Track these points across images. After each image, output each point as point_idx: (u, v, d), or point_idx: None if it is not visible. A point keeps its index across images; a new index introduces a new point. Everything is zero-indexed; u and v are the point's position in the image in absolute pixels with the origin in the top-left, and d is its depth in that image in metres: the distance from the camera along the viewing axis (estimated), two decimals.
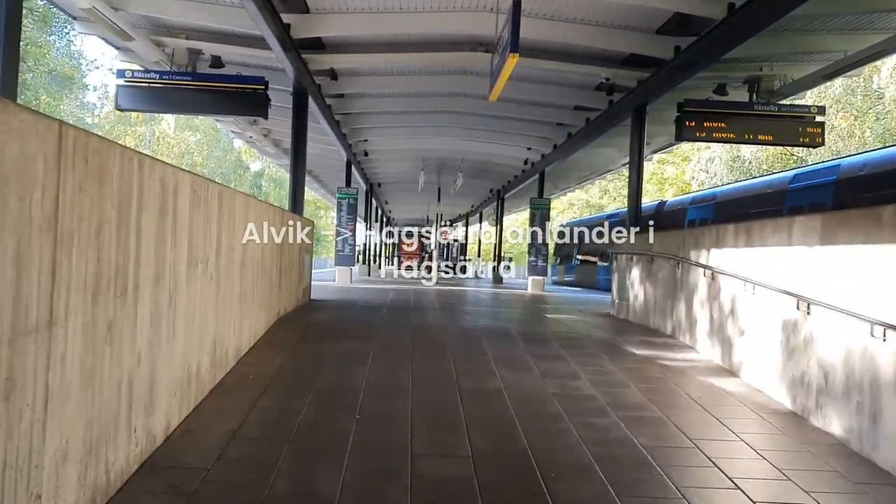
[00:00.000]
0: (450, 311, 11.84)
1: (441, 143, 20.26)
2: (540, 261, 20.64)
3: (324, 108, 14.72)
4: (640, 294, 10.61)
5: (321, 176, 30.12)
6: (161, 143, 44.63)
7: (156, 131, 44.72)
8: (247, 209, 7.06)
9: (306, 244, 11.48)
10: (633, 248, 11.06)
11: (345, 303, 12.31)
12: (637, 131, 12.27)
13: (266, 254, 8.17)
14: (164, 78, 11.88)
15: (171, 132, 45.61)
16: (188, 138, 46.71)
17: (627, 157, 20.99)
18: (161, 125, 45.02)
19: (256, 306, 7.72)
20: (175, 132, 45.59)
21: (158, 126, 44.88)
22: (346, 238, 20.56)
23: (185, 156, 46.31)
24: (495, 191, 29.31)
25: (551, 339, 8.83)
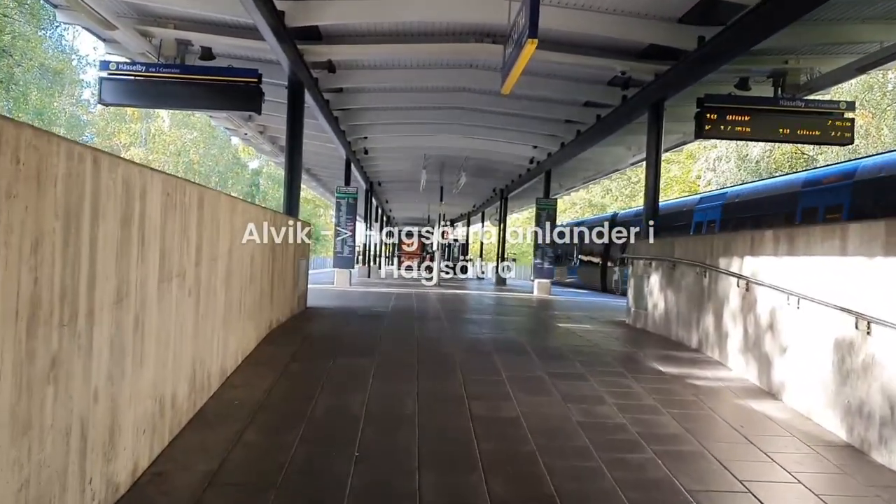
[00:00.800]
0: (455, 319, 11.13)
1: (444, 140, 19.54)
2: (546, 263, 19.93)
3: (321, 102, 14.00)
4: (660, 303, 9.89)
5: (320, 174, 29.40)
6: (157, 141, 43.91)
7: (151, 128, 43.99)
8: (233, 213, 6.34)
9: (302, 248, 10.76)
10: (651, 253, 10.35)
11: (343, 310, 11.59)
12: (654, 129, 11.55)
13: (256, 261, 7.46)
14: (151, 70, 11.16)
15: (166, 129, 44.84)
16: (184, 136, 45.96)
17: (636, 155, 20.35)
18: (157, 122, 44.29)
19: (245, 320, 7.00)
20: (171, 129, 44.84)
21: (154, 123, 44.15)
22: (345, 239, 19.84)
23: (182, 153, 45.60)
24: (498, 190, 28.60)
25: (567, 353, 8.11)
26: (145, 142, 42.77)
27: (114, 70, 11.06)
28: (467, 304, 14.67)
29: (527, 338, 9.15)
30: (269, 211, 8.36)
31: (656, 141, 11.55)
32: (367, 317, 10.72)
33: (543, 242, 19.78)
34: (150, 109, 34.81)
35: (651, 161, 11.57)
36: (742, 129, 11.10)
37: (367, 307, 12.21)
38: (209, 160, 51.06)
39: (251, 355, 7.15)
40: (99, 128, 42.37)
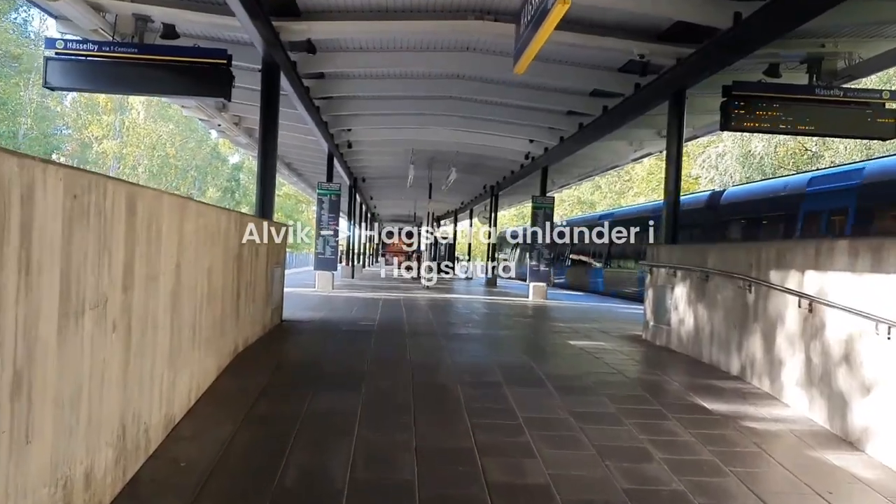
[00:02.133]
0: (451, 335, 9.81)
1: (434, 133, 18.21)
2: (542, 265, 18.68)
3: (300, 89, 12.63)
4: (687, 319, 8.64)
5: (301, 169, 28.03)
6: (131, 134, 42.21)
7: (125, 121, 42.28)
8: (182, 218, 4.99)
9: (277, 254, 9.41)
10: (676, 260, 9.09)
11: (325, 324, 10.24)
12: (676, 120, 10.29)
13: (216, 274, 6.11)
14: (105, 50, 9.78)
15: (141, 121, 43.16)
16: (160, 128, 44.26)
17: (637, 151, 19.11)
18: (131, 114, 42.58)
19: (201, 348, 5.66)
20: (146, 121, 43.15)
21: (128, 115, 42.44)
22: (328, 239, 18.49)
23: (157, 147, 43.91)
24: (489, 187, 27.31)
25: (590, 383, 6.82)
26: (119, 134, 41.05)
27: (61, 49, 9.65)
28: (461, 313, 13.36)
29: (537, 361, 7.84)
30: (235, 213, 7.00)
31: (678, 133, 10.29)
32: (352, 333, 9.38)
33: (542, 243, 18.56)
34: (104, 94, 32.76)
35: (672, 156, 10.31)
36: (774, 122, 9.87)
37: (351, 320, 10.87)
38: (186, 154, 49.36)
39: (210, 391, 5.81)
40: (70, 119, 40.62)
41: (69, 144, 40.60)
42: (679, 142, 10.30)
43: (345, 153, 21.03)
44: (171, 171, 48.05)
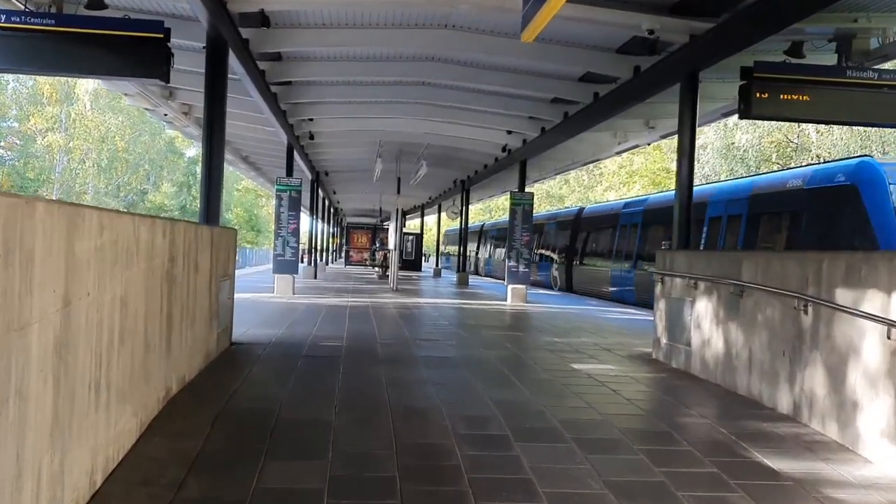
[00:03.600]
0: (433, 359, 8.32)
1: (403, 124, 16.76)
2: (522, 266, 17.32)
3: (254, 73, 11.06)
4: (714, 340, 7.31)
5: (259, 162, 26.34)
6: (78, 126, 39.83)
7: (71, 112, 39.89)
8: (71, 236, 3.46)
9: (224, 264, 7.86)
10: (698, 269, 7.75)
11: (283, 346, 8.69)
12: (688, 107, 8.95)
13: (134, 304, 4.58)
14: (14, 21, 8.12)
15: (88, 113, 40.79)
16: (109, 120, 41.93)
17: (622, 144, 17.82)
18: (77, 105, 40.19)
19: (110, 407, 4.14)
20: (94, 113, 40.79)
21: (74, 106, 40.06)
22: (287, 239, 16.91)
23: (106, 140, 41.59)
24: (460, 182, 25.90)
25: (617, 432, 5.43)
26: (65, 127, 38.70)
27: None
28: (439, 326, 11.90)
29: (544, 397, 6.41)
30: (161, 220, 5.46)
31: (691, 121, 8.96)
32: (316, 360, 7.84)
33: (524, 243, 17.23)
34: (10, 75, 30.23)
35: (685, 147, 8.97)
36: (801, 107, 8.59)
37: (314, 339, 9.32)
38: (139, 148, 47.02)
39: (124, 463, 4.29)
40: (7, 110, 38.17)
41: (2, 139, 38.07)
42: (692, 131, 8.98)
43: (306, 145, 19.43)
44: (122, 166, 45.77)
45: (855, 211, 12.67)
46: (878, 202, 12.46)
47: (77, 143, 40.58)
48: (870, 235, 12.31)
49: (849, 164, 13.71)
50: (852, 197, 12.75)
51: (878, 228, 12.23)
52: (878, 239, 12.19)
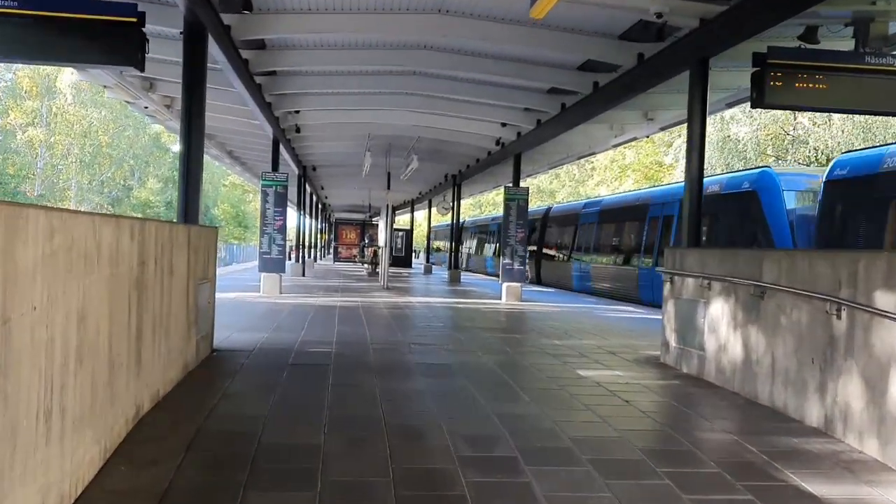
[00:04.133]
0: (430, 366, 7.75)
1: (393, 116, 16.22)
2: (517, 263, 16.81)
3: (237, 62, 10.47)
4: (732, 345, 6.81)
5: (244, 157, 25.68)
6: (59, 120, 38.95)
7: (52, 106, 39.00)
8: (12, 241, 2.91)
9: (203, 266, 7.30)
10: (712, 268, 7.24)
11: (267, 353, 8.12)
12: (698, 95, 8.42)
13: (95, 317, 4.03)
14: None
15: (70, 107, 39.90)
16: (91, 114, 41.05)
17: (618, 137, 17.31)
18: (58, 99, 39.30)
19: (65, 439, 3.59)
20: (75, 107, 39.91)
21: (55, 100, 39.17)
22: (273, 236, 16.32)
23: (89, 135, 40.71)
24: (451, 176, 25.36)
25: (637, 451, 4.92)
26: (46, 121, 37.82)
27: None
28: (433, 329, 11.35)
29: (552, 410, 5.87)
30: (129, 220, 4.89)
31: (701, 110, 8.43)
32: (303, 370, 7.28)
33: (515, 239, 16.74)
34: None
35: (694, 139, 8.44)
36: (817, 95, 8.09)
37: (302, 344, 8.76)
38: (123, 142, 46.13)
39: (82, 500, 3.75)
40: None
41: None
42: (702, 121, 8.45)
43: (292, 139, 18.83)
44: (106, 161, 44.88)
45: (756, 213, 15.17)
46: (773, 206, 14.83)
47: (59, 138, 39.72)
48: (766, 234, 14.80)
49: (752, 173, 16.29)
50: (753, 201, 15.22)
51: (774, 228, 14.61)
52: (773, 236, 14.52)
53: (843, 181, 12.86)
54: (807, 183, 15.16)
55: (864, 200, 12.44)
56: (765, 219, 14.92)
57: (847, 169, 12.93)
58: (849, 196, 12.76)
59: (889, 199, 11.70)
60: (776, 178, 15.19)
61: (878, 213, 11.90)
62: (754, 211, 15.15)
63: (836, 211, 13.00)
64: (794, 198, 14.97)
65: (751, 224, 15.33)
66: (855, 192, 12.60)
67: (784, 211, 14.69)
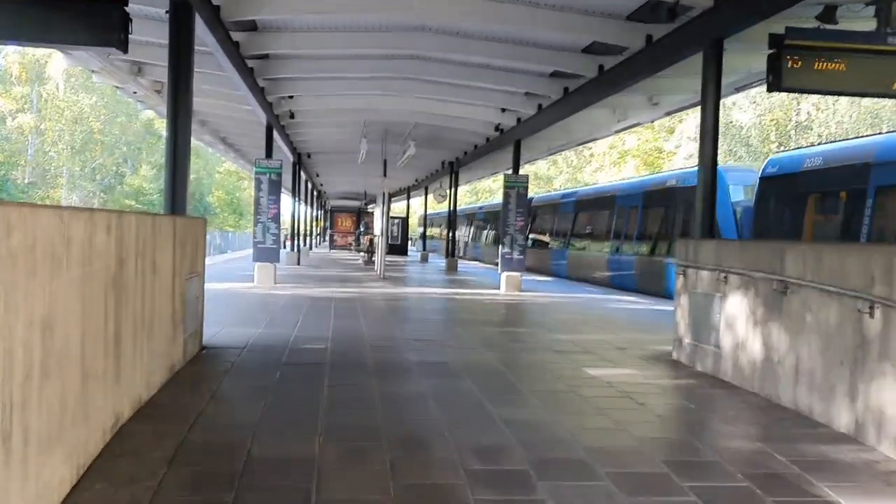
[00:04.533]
0: (430, 364, 7.38)
1: (389, 102, 15.77)
2: (516, 252, 16.42)
3: (227, 44, 10.03)
4: (750, 343, 6.44)
5: (238, 144, 25.22)
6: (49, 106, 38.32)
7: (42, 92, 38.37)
8: None
9: (191, 260, 6.89)
10: (729, 261, 6.85)
11: (260, 351, 7.71)
12: (712, 78, 7.99)
13: (65, 323, 3.64)
14: None
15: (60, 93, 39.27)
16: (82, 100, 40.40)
17: (622, 122, 16.90)
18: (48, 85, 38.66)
19: (25, 460, 3.21)
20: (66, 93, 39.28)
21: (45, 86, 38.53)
22: (267, 225, 15.91)
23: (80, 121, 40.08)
24: (448, 163, 24.93)
25: (658, 463, 4.55)
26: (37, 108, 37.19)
27: None
28: (432, 322, 10.98)
29: (562, 415, 5.47)
30: (102, 213, 4.49)
31: (715, 93, 8.00)
32: (296, 370, 6.88)
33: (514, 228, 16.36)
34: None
35: (707, 124, 8.01)
36: (837, 78, 7.68)
37: (296, 341, 8.37)
38: (116, 129, 45.46)
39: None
40: None
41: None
42: (716, 105, 8.04)
43: (287, 125, 18.36)
44: (97, 148, 44.21)
45: (722, 205, 15.42)
46: (720, 198, 15.62)
47: (50, 125, 39.11)
48: (719, 225, 15.67)
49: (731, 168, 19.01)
50: (723, 193, 15.32)
51: (721, 217, 15.52)
52: (721, 226, 15.91)
53: (774, 178, 14.72)
54: (749, 179, 16.90)
55: (789, 195, 14.26)
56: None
57: (777, 167, 14.87)
58: (777, 191, 14.60)
59: (807, 193, 13.55)
60: (723, 174, 16.16)
61: (799, 206, 13.75)
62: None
63: (768, 204, 14.85)
64: (739, 191, 16.85)
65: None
66: (782, 188, 14.43)
67: (730, 203, 16.60)
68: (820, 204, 13.48)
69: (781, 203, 14.57)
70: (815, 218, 13.46)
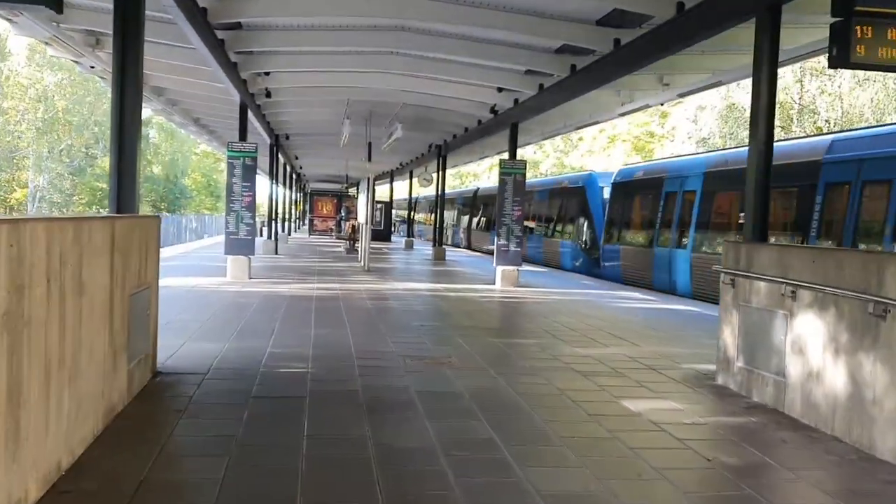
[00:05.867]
0: (434, 396, 6.13)
1: (375, 80, 14.44)
2: (513, 245, 15.18)
3: (190, 9, 8.64)
4: (831, 374, 5.24)
5: (212, 125, 23.72)
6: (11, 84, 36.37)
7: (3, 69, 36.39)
8: None
9: (140, 270, 5.56)
10: (799, 272, 5.63)
11: (225, 378, 6.34)
12: (766, 49, 6.71)
13: None
14: None
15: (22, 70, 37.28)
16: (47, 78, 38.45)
17: (626, 105, 15.63)
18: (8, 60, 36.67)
19: None
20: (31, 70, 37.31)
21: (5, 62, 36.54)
22: (241, 214, 14.53)
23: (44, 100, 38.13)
24: (436, 147, 23.58)
25: None
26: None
27: None
28: (430, 330, 9.65)
29: (620, 488, 4.20)
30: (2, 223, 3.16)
31: (769, 69, 6.72)
32: (269, 407, 5.52)
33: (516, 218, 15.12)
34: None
35: (762, 105, 6.73)
36: None
37: (270, 361, 7.05)
38: (84, 109, 43.46)
39: None
40: None
41: None
42: (772, 81, 6.74)
43: (263, 105, 16.93)
44: (65, 128, 42.22)
45: (583, 202, 22.35)
46: (593, 198, 21.72)
47: (12, 104, 37.19)
48: (590, 217, 21.78)
49: (583, 175, 24.68)
50: (582, 194, 22.54)
51: (593, 212, 21.58)
52: (594, 219, 21.46)
53: (619, 184, 20.06)
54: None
55: (626, 196, 19.55)
56: (588, 206, 21.71)
57: (621, 176, 20.37)
58: (619, 196, 19.93)
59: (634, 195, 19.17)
60: (595, 178, 22.53)
61: (630, 204, 19.40)
62: (582, 200, 22.48)
63: (615, 205, 20.09)
64: (608, 192, 20.89)
65: (583, 210, 22.31)
66: (622, 194, 19.80)
67: (601, 201, 21.40)
68: (640, 203, 18.79)
69: (622, 201, 19.75)
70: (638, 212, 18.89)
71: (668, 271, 16.40)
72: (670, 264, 16.34)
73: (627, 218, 19.20)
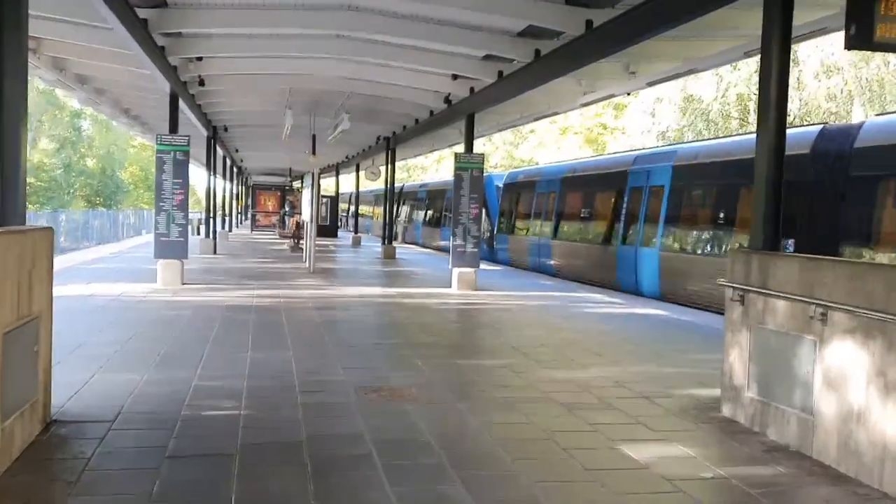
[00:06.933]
0: (400, 448, 5.10)
1: (319, 66, 13.28)
2: (469, 245, 14.17)
3: None
4: (875, 416, 4.35)
5: (143, 116, 22.14)
6: None
7: None
8: None
9: (17, 303, 4.35)
10: (830, 290, 4.72)
11: (136, 426, 5.17)
12: (777, 32, 5.79)
13: None
14: None
15: None
16: None
17: (588, 94, 14.73)
18: None
19: None
20: None
21: None
22: (172, 214, 13.21)
23: None
24: (384, 139, 22.44)
25: None
26: None
27: None
28: (386, 350, 8.55)
29: None
30: None
31: (781, 52, 5.81)
32: (187, 471, 4.33)
33: (475, 216, 14.12)
34: None
35: (771, 91, 5.80)
36: None
37: (193, 400, 5.87)
38: None
39: None
40: None
41: None
42: (782, 62, 5.83)
43: (197, 94, 15.56)
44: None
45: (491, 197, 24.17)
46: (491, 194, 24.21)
47: None
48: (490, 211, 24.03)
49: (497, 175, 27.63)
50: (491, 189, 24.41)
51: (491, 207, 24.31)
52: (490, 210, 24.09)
53: (507, 185, 23.95)
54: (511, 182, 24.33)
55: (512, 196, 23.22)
56: (486, 201, 22.32)
57: (509, 179, 24.32)
58: (507, 194, 23.62)
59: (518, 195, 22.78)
60: (492, 178, 25.52)
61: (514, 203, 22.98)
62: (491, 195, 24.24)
63: (504, 204, 23.81)
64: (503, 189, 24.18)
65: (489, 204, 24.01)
66: (508, 194, 23.50)
67: (497, 198, 24.61)
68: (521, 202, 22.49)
69: (507, 203, 23.49)
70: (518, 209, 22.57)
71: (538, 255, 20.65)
72: (539, 250, 20.62)
73: (514, 212, 23.08)
